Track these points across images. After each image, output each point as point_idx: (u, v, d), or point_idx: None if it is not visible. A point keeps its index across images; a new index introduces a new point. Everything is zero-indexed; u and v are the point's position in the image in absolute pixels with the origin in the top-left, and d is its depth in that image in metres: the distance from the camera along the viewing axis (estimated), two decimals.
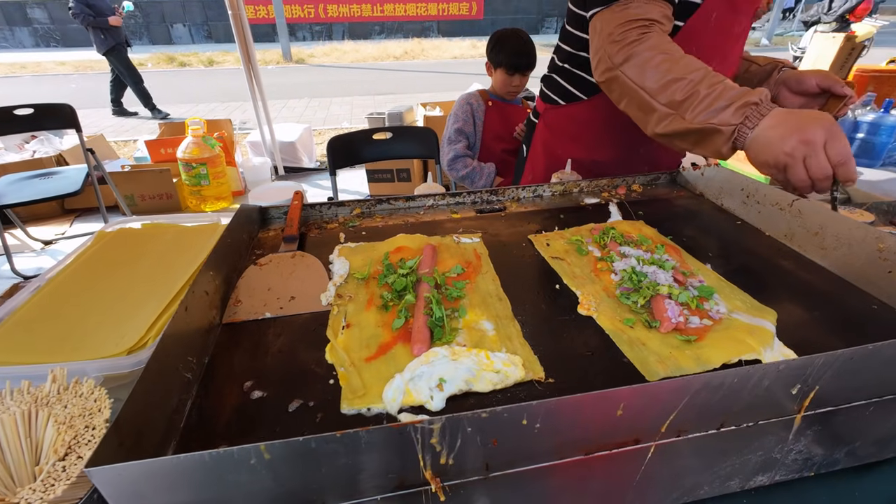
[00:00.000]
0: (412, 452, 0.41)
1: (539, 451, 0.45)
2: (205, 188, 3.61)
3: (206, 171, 3.54)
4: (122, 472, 0.34)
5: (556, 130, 1.29)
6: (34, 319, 0.76)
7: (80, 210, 3.68)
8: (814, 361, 0.44)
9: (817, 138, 0.69)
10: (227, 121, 4.20)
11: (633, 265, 0.71)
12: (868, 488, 0.62)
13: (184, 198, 3.71)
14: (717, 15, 0.98)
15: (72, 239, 3.31)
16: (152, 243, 0.97)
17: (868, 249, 0.69)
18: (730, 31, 1.03)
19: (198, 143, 3.52)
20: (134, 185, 3.52)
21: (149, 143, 3.78)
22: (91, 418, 0.55)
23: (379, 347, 0.59)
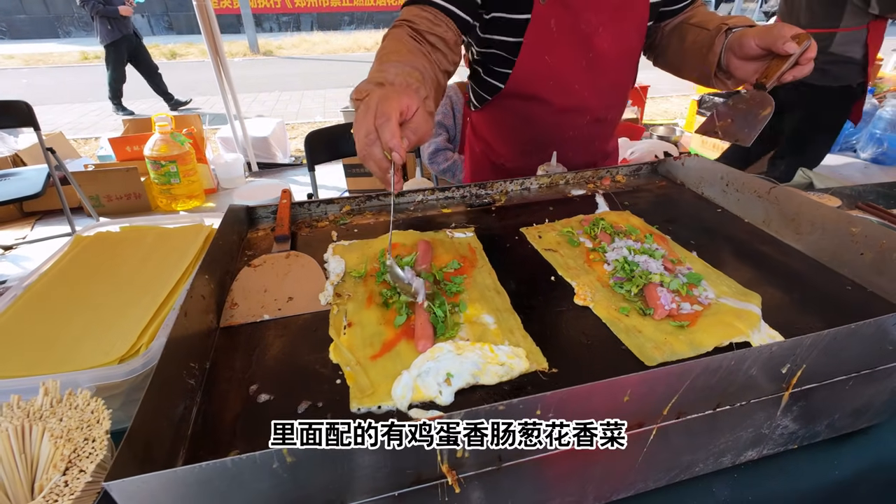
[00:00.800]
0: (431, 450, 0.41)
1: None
2: (175, 186, 3.50)
3: (176, 168, 3.43)
4: (144, 484, 0.34)
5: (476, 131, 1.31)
6: (14, 330, 0.73)
7: (41, 213, 3.50)
8: (802, 342, 0.47)
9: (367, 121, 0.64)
10: (195, 116, 4.06)
11: (625, 255, 0.73)
12: (845, 457, 0.67)
13: (153, 197, 3.58)
14: (555, 21, 0.97)
15: (34, 243, 3.15)
16: (133, 247, 0.94)
17: (841, 233, 0.73)
18: (580, 32, 0.99)
19: (166, 140, 3.40)
20: (99, 185, 3.37)
21: (113, 140, 3.62)
22: (89, 430, 0.54)
23: (383, 345, 0.59)
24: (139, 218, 1.04)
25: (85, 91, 7.78)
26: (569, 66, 1.02)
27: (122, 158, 3.66)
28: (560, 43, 0.99)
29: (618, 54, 1.05)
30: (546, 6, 0.95)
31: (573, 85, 1.05)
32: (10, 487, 0.51)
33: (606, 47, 1.02)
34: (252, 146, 4.17)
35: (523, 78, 1.04)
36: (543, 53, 1.00)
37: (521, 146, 1.20)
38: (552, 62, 1.01)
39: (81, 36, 13.63)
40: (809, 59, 0.81)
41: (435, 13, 0.90)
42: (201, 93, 7.65)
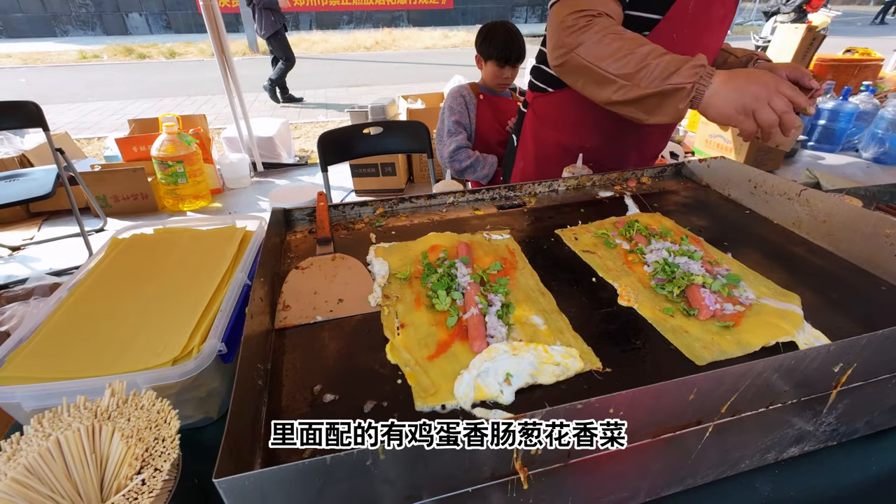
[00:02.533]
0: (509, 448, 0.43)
1: None
2: (182, 187, 3.50)
3: (183, 169, 3.43)
4: (250, 480, 0.35)
5: (543, 117, 1.34)
6: (65, 331, 0.74)
7: (48, 213, 3.50)
8: (859, 342, 0.49)
9: (771, 82, 0.80)
10: (201, 116, 4.05)
11: (665, 257, 0.74)
12: (881, 453, 0.69)
13: (160, 197, 3.58)
14: (693, 4, 1.01)
15: (42, 244, 3.14)
16: (170, 248, 0.95)
17: (874, 234, 0.75)
18: (709, 20, 1.06)
19: (173, 141, 3.40)
20: (106, 185, 3.37)
21: (120, 140, 3.61)
22: (158, 430, 0.55)
23: (438, 346, 0.61)
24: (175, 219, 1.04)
25: (85, 90, 7.75)
26: (689, 49, 0.98)
27: (128, 159, 3.65)
28: (690, 26, 1.03)
29: (715, 51, 1.14)
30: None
31: None
32: (82, 486, 0.52)
33: (716, 42, 1.12)
34: (257, 146, 4.17)
35: None
36: (673, 32, 1.02)
37: (606, 130, 1.23)
38: (678, 43, 1.02)
39: (79, 34, 13.57)
40: (819, 94, 0.95)
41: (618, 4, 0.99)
42: (201, 92, 7.64)
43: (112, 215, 3.45)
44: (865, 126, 4.23)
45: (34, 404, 0.62)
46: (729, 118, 0.82)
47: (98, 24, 13.81)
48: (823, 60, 5.08)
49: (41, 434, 0.54)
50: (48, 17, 13.28)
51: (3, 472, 0.50)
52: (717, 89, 0.81)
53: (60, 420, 0.55)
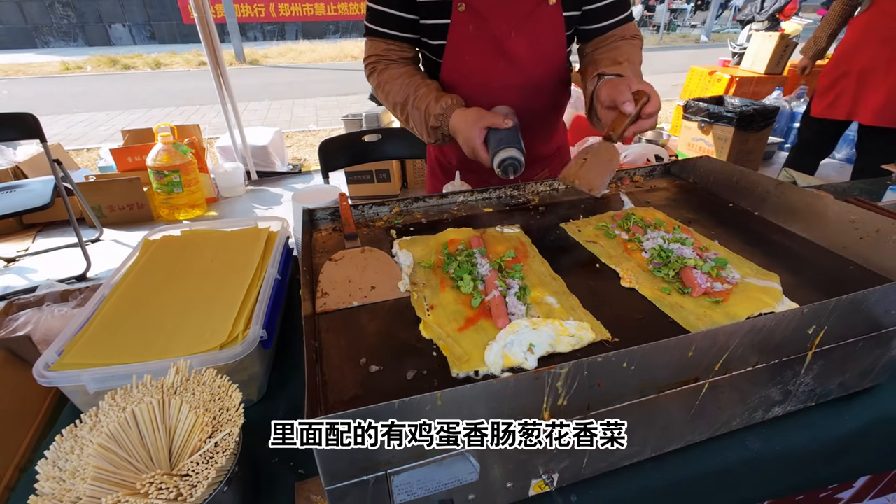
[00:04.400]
0: (540, 395, 0.51)
1: (627, 392, 0.56)
2: (177, 196, 3.52)
3: (178, 178, 3.46)
4: (334, 419, 0.42)
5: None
6: (114, 323, 0.79)
7: (41, 225, 3.49)
8: (828, 304, 0.58)
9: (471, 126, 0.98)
10: (195, 126, 4.09)
11: (661, 244, 0.83)
12: (854, 413, 0.78)
13: (155, 207, 3.60)
14: (472, 26, 1.06)
15: (37, 255, 3.14)
16: (200, 248, 1.01)
17: (842, 221, 0.85)
18: (493, 36, 1.06)
19: (168, 150, 3.43)
20: (102, 195, 3.39)
21: (114, 151, 3.63)
22: (222, 402, 0.62)
23: (466, 321, 0.68)
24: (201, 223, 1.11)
25: (70, 101, 7.69)
26: (487, 66, 1.11)
27: (123, 169, 3.67)
28: (477, 45, 1.09)
29: (534, 59, 1.11)
30: (464, 12, 1.05)
31: (493, 84, 1.13)
32: (154, 452, 0.59)
33: (521, 51, 1.09)
34: (251, 155, 4.21)
35: (449, 78, 1.14)
36: (464, 54, 1.10)
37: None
38: (472, 62, 1.11)
39: (61, 46, 13.42)
40: (650, 115, 0.88)
41: (394, 43, 1.13)
42: (190, 102, 7.64)
43: (107, 225, 3.46)
44: None
45: (97, 386, 0.68)
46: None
47: (80, 35, 13.68)
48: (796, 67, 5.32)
49: (116, 408, 0.60)
50: (28, 29, 13.12)
51: (88, 440, 0.56)
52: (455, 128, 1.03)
53: (131, 396, 0.62)
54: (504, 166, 0.93)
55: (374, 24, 1.12)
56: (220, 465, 0.53)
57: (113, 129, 6.20)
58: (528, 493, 0.62)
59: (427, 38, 1.13)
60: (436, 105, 1.04)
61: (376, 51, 1.14)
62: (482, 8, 1.04)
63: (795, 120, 4.54)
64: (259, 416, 0.79)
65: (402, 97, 1.10)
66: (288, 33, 14.87)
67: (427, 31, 1.11)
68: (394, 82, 1.11)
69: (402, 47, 1.14)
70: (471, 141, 0.98)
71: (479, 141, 0.97)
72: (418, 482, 0.52)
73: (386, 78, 1.13)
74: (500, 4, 1.04)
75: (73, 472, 0.54)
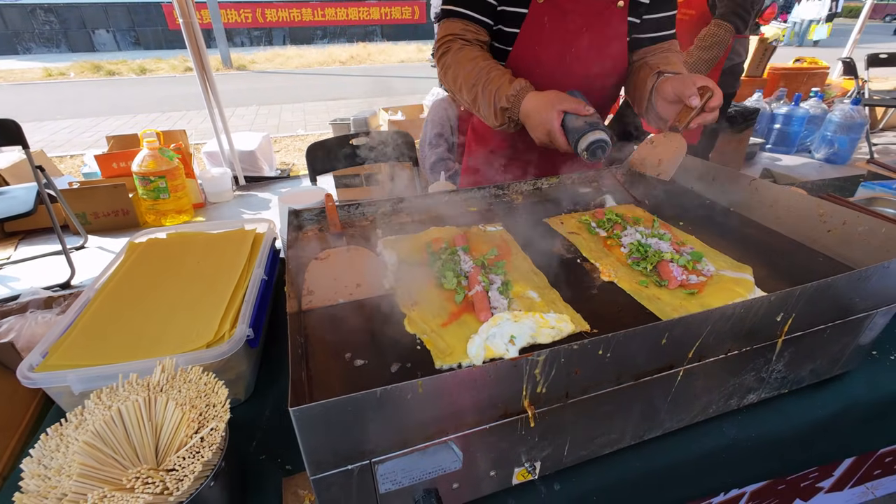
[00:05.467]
0: (519, 383, 0.52)
1: (604, 380, 0.58)
2: (164, 202, 3.49)
3: (165, 184, 3.43)
4: (318, 409, 0.43)
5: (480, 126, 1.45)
6: (100, 325, 0.80)
7: (24, 232, 3.43)
8: (794, 292, 0.61)
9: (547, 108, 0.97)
10: (181, 131, 4.06)
11: (639, 239, 0.86)
12: (825, 399, 0.81)
13: (141, 213, 3.56)
14: (548, 18, 1.12)
15: (19, 263, 3.09)
16: (186, 250, 1.01)
17: (811, 215, 0.88)
18: (567, 30, 1.12)
19: (154, 156, 3.40)
20: (86, 202, 3.34)
21: (99, 157, 3.58)
22: (208, 398, 0.62)
23: (449, 316, 0.70)
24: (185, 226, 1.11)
25: (53, 108, 7.59)
26: (554, 59, 1.15)
27: (107, 175, 3.62)
28: (549, 37, 1.13)
29: (599, 58, 1.18)
30: (543, 4, 1.10)
31: (557, 78, 1.17)
32: (140, 449, 0.59)
33: (589, 48, 1.15)
34: (239, 160, 4.19)
35: (516, 68, 1.16)
36: (535, 45, 1.14)
37: (514, 138, 1.30)
38: (542, 54, 1.15)
39: (43, 52, 13.23)
40: (713, 108, 0.95)
41: (472, 25, 1.13)
42: (176, 108, 7.58)
43: (92, 232, 3.41)
44: (816, 129, 4.56)
45: (82, 387, 0.68)
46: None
47: (63, 42, 13.50)
48: (776, 69, 5.45)
49: (102, 406, 0.60)
50: (9, 35, 12.91)
51: (74, 438, 0.56)
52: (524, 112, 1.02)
53: (117, 394, 0.62)
54: (593, 148, 0.90)
55: (453, 5, 1.14)
56: (205, 459, 0.54)
57: (97, 135, 6.13)
58: (511, 482, 0.64)
59: (502, 24, 1.15)
60: (509, 87, 1.02)
61: (453, 30, 1.14)
62: (562, 1, 1.09)
63: (776, 121, 4.65)
64: (246, 415, 0.79)
65: (473, 78, 1.08)
66: (275, 38, 14.84)
67: (503, 18, 1.14)
68: (467, 63, 1.09)
69: (479, 30, 1.15)
70: (547, 123, 0.95)
71: (556, 123, 0.94)
72: (402, 471, 0.54)
73: (460, 58, 1.11)
74: (578, 0, 1.09)
75: (58, 469, 0.54)
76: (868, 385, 0.83)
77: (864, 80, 4.91)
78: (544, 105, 0.97)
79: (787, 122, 4.59)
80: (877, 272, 0.66)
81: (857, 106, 4.26)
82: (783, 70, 5.51)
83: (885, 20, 20.42)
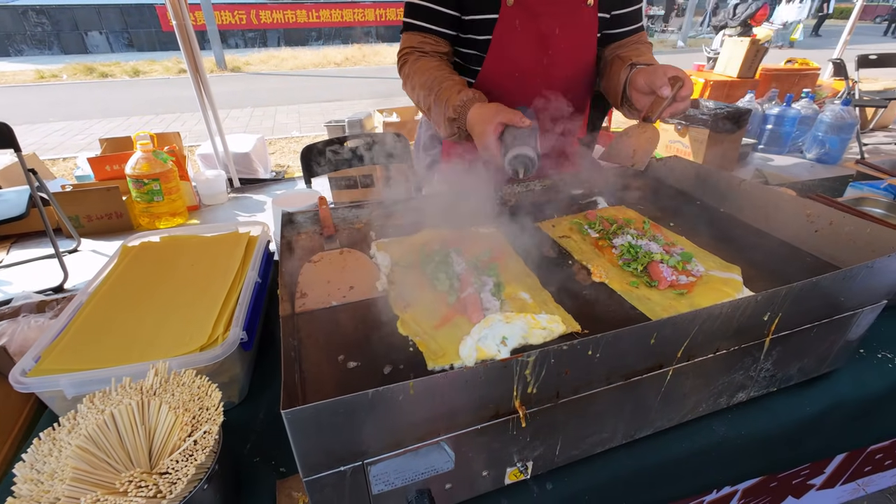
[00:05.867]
0: (509, 383, 0.53)
1: (594, 379, 0.59)
2: (158, 205, 3.47)
3: (159, 186, 3.41)
4: (310, 412, 0.44)
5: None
6: (92, 329, 0.80)
7: (15, 236, 3.41)
8: (780, 292, 0.62)
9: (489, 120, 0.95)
10: (175, 134, 4.04)
11: (629, 240, 0.87)
12: (813, 397, 0.82)
13: (135, 216, 3.54)
14: (519, 22, 1.11)
15: (12, 267, 3.06)
16: (180, 253, 1.01)
17: (799, 216, 0.89)
18: (540, 32, 1.12)
19: (148, 158, 3.39)
20: (79, 205, 3.32)
21: (92, 160, 3.56)
22: (201, 401, 0.62)
23: (441, 318, 0.70)
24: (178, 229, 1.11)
25: (45, 111, 7.54)
26: (530, 63, 1.16)
27: (101, 178, 3.60)
28: (523, 39, 1.13)
29: (573, 57, 1.19)
30: (512, 7, 1.10)
31: (531, 81, 1.18)
32: (133, 453, 0.59)
33: (563, 48, 1.15)
34: (233, 162, 4.18)
35: (492, 73, 1.18)
36: (509, 48, 1.14)
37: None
38: (516, 56, 1.15)
39: (35, 54, 13.15)
40: (684, 98, 0.97)
41: (430, 37, 1.15)
42: (170, 110, 7.55)
43: (85, 235, 3.39)
44: (808, 129, 4.60)
45: (75, 391, 0.68)
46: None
47: (55, 43, 13.42)
48: (767, 70, 5.50)
49: (95, 410, 0.60)
50: (1, 37, 12.82)
51: (67, 442, 0.56)
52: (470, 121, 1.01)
53: (110, 398, 0.62)
54: (514, 164, 0.87)
55: (412, 19, 1.15)
56: (199, 462, 0.54)
57: (90, 137, 6.09)
58: (504, 482, 0.64)
59: (473, 33, 1.16)
60: (456, 97, 1.03)
61: (411, 43, 1.16)
62: (532, 4, 1.09)
63: (768, 122, 4.69)
64: (241, 418, 0.80)
65: (427, 87, 1.09)
66: (270, 40, 14.81)
67: (473, 28, 1.15)
68: (422, 73, 1.11)
69: (438, 41, 1.16)
70: (485, 136, 0.94)
71: (493, 136, 0.93)
72: (395, 472, 0.54)
73: (416, 69, 1.13)
74: (548, 1, 1.10)
75: (51, 474, 0.54)
76: (855, 383, 0.84)
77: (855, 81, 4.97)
78: (485, 117, 0.96)
79: (779, 122, 4.63)
80: (861, 271, 0.67)
81: (848, 106, 4.30)
82: (775, 71, 5.57)
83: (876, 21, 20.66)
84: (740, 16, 7.53)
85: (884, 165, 1.67)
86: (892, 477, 1.17)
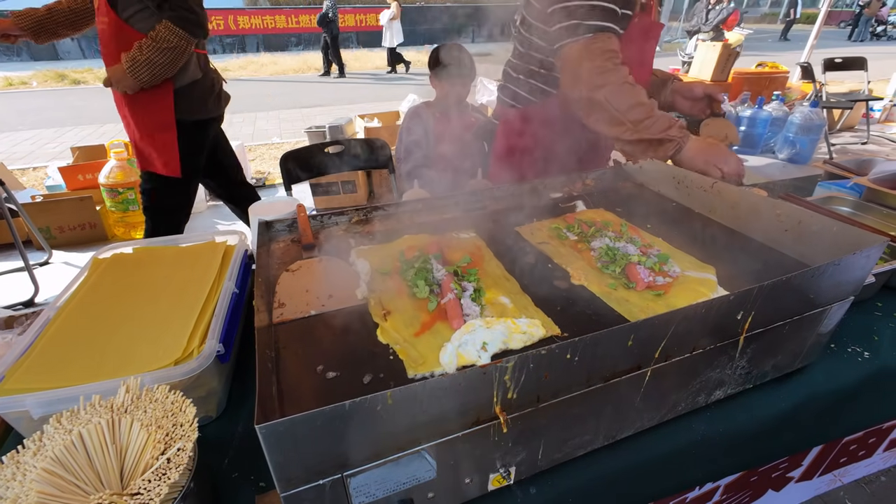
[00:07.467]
0: (489, 389, 0.53)
1: (574, 383, 0.59)
2: (133, 214, 3.39)
3: (134, 195, 3.33)
4: (285, 425, 0.43)
5: (510, 128, 1.50)
6: (61, 345, 0.77)
7: None
8: (752, 291, 0.63)
9: (724, 150, 1.14)
10: None
11: (607, 243, 0.88)
12: (787, 392, 0.84)
13: (109, 226, 3.45)
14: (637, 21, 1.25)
15: None
16: (154, 265, 0.99)
17: (769, 215, 0.92)
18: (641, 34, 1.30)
19: (122, 167, 3.31)
20: (50, 216, 3.22)
21: (63, 169, 3.46)
22: (175, 417, 0.61)
23: (422, 325, 0.70)
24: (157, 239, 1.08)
25: (14, 119, 7.30)
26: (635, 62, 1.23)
27: (73, 188, 3.50)
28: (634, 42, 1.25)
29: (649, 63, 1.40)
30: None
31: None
32: (103, 474, 0.57)
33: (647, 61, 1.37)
34: None
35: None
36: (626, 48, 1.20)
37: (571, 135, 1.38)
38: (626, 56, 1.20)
39: (2, 61, 12.74)
40: (722, 101, 1.37)
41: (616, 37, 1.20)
42: None
43: (58, 247, 3.29)
44: (779, 131, 4.74)
45: (42, 411, 0.66)
46: (697, 167, 1.13)
47: (24, 50, 13.03)
48: (739, 73, 5.66)
49: (62, 430, 0.58)
50: None
51: (32, 465, 0.54)
52: (691, 146, 1.13)
53: (78, 417, 0.60)
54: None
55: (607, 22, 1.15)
56: (172, 480, 0.53)
57: (62, 146, 5.91)
58: (487, 488, 0.64)
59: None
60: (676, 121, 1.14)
61: (616, 46, 1.16)
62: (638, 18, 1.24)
63: (741, 123, 4.82)
64: (219, 432, 0.78)
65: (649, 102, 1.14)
66: (249, 46, 14.64)
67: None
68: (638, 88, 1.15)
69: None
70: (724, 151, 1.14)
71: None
72: (376, 483, 0.53)
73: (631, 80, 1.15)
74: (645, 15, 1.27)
75: (13, 500, 0.52)
76: (827, 377, 0.87)
77: (822, 84, 5.15)
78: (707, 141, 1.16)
79: (752, 124, 4.77)
80: (829, 269, 0.69)
81: (816, 108, 4.45)
82: (746, 74, 5.73)
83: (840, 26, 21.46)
84: (713, 21, 7.74)
85: (850, 165, 1.73)
86: (867, 467, 1.20)
